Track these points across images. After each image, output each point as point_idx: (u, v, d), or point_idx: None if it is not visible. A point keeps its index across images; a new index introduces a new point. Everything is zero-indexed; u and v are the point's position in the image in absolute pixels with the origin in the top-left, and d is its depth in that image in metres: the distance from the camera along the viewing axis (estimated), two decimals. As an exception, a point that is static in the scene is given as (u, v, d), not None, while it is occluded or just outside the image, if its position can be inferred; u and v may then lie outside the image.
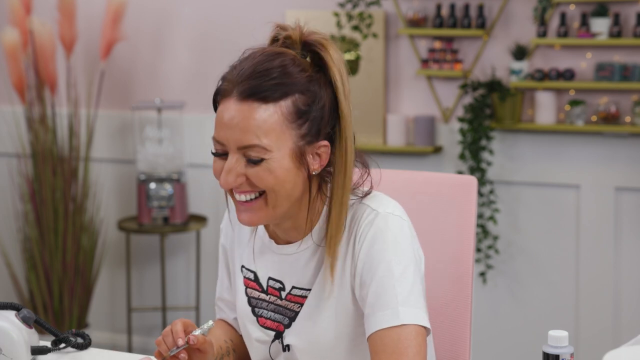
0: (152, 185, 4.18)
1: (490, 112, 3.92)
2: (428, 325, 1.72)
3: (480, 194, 3.92)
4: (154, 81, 4.47)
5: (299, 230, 1.79)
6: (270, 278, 1.84)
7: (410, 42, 4.04)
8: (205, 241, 4.44)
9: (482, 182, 3.91)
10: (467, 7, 3.93)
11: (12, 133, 4.57)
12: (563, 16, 3.79)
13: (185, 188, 4.23)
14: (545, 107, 3.86)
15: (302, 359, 1.81)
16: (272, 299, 1.84)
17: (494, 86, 3.89)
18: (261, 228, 1.87)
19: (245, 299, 1.88)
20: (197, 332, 1.77)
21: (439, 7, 3.94)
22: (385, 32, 4.06)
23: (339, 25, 3.93)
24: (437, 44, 3.98)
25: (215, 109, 1.73)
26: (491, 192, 3.93)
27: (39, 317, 1.98)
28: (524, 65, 3.84)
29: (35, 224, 4.29)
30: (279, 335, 1.83)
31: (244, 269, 1.89)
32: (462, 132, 3.89)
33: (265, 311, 1.85)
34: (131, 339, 4.42)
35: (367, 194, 1.79)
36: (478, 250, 3.96)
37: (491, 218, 3.92)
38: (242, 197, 1.71)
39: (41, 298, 4.30)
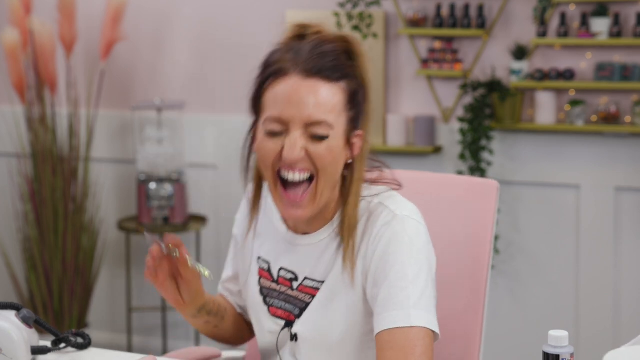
0: (152, 185, 4.18)
1: (490, 112, 3.92)
2: (437, 330, 1.73)
3: (480, 194, 3.92)
4: (154, 81, 4.47)
5: (322, 219, 1.80)
6: (282, 268, 1.86)
7: (410, 42, 4.04)
8: (205, 241, 4.44)
9: (482, 182, 3.90)
10: (467, 7, 3.93)
11: (12, 133, 4.57)
12: (563, 16, 3.79)
13: (185, 188, 4.23)
14: (545, 107, 3.86)
15: (307, 349, 1.82)
16: (283, 289, 1.85)
17: (494, 86, 3.89)
18: (278, 218, 1.87)
19: (258, 288, 1.89)
20: (191, 260, 1.78)
21: (439, 7, 3.94)
22: (385, 32, 4.06)
23: (339, 25, 3.93)
24: (437, 44, 3.98)
25: (259, 91, 1.74)
26: (491, 192, 3.93)
27: (39, 317, 1.99)
28: (524, 65, 3.84)
29: (35, 224, 4.29)
30: (288, 324, 1.84)
31: (260, 260, 1.91)
32: (462, 132, 3.89)
33: (276, 301, 1.86)
34: (131, 339, 4.42)
35: (382, 192, 1.81)
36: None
37: (491, 218, 3.91)
38: (297, 176, 1.72)
39: (41, 298, 4.30)
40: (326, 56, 1.70)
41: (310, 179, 1.73)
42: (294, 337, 1.83)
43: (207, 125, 4.39)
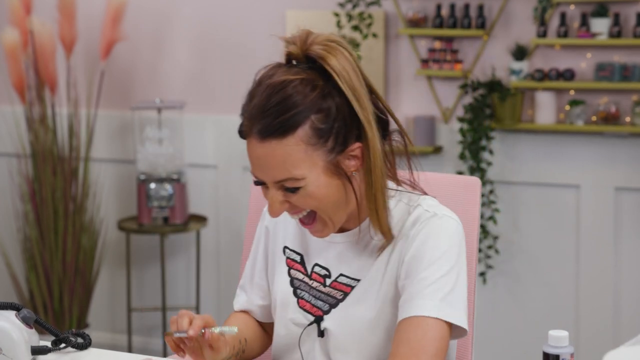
0: (152, 185, 4.18)
1: (490, 112, 3.92)
2: (466, 326, 1.75)
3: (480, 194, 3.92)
4: (154, 81, 4.47)
5: (356, 218, 1.83)
6: (317, 264, 1.88)
7: (410, 42, 4.04)
8: (205, 241, 4.44)
9: (482, 182, 3.90)
10: (467, 7, 3.93)
11: (12, 133, 4.57)
12: (563, 16, 3.79)
13: (185, 188, 4.23)
14: (545, 107, 3.86)
15: (335, 345, 1.84)
16: (315, 284, 1.87)
17: (494, 86, 3.89)
18: None
19: (288, 279, 1.91)
20: (216, 330, 1.77)
21: (439, 7, 3.94)
22: (385, 32, 4.06)
23: (339, 25, 3.93)
24: (437, 44, 3.98)
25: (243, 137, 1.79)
26: (491, 192, 3.93)
27: (39, 317, 1.98)
28: (524, 65, 3.83)
29: (35, 224, 4.28)
30: (318, 320, 1.86)
31: (287, 250, 1.93)
32: (462, 132, 3.89)
33: (306, 294, 1.88)
34: (131, 339, 4.42)
35: (422, 195, 1.84)
36: (478, 250, 3.95)
37: (491, 218, 3.92)
38: (296, 217, 1.78)
39: (41, 298, 4.30)
40: (277, 110, 1.70)
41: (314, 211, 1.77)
42: (322, 333, 1.85)
43: (207, 125, 4.38)
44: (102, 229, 4.51)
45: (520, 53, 3.84)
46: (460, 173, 3.92)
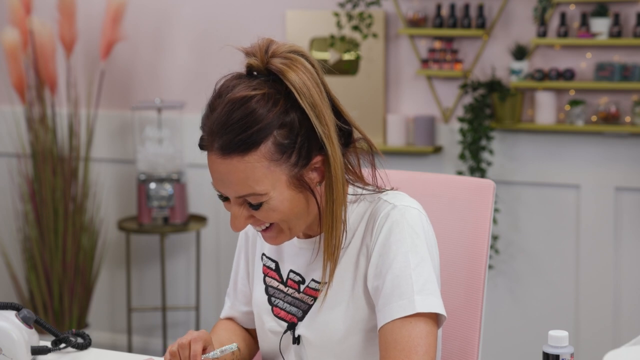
0: (152, 185, 4.18)
1: (490, 112, 3.92)
2: (444, 312, 1.72)
3: (480, 194, 3.92)
4: (154, 81, 4.47)
5: (316, 226, 1.81)
6: (291, 271, 1.86)
7: (410, 42, 4.05)
8: (205, 241, 4.44)
9: (482, 182, 3.90)
10: (467, 7, 3.93)
11: (12, 133, 4.57)
12: (563, 16, 3.80)
13: (185, 188, 4.23)
14: (545, 107, 3.86)
15: (311, 352, 1.82)
16: (290, 291, 1.85)
17: (494, 86, 3.89)
18: None
19: (263, 287, 1.89)
20: (217, 352, 1.76)
21: (439, 7, 3.95)
22: (385, 32, 4.06)
23: (339, 25, 3.93)
24: (437, 44, 3.98)
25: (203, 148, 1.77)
26: (491, 192, 3.93)
27: (39, 317, 1.98)
28: (524, 65, 3.84)
29: (35, 224, 4.29)
30: (291, 327, 1.84)
31: (264, 257, 1.91)
32: (462, 132, 3.89)
33: (281, 302, 1.86)
34: (131, 339, 4.42)
35: (385, 191, 1.80)
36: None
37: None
38: (258, 228, 1.75)
39: (41, 298, 4.30)
40: (239, 126, 1.67)
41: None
42: (297, 340, 1.83)
43: (207, 125, 4.38)
44: (102, 229, 4.51)
45: (520, 53, 3.84)
46: (460, 173, 3.92)
